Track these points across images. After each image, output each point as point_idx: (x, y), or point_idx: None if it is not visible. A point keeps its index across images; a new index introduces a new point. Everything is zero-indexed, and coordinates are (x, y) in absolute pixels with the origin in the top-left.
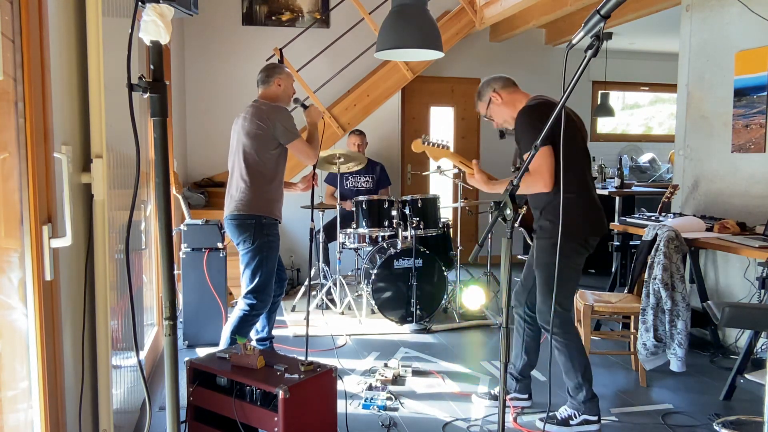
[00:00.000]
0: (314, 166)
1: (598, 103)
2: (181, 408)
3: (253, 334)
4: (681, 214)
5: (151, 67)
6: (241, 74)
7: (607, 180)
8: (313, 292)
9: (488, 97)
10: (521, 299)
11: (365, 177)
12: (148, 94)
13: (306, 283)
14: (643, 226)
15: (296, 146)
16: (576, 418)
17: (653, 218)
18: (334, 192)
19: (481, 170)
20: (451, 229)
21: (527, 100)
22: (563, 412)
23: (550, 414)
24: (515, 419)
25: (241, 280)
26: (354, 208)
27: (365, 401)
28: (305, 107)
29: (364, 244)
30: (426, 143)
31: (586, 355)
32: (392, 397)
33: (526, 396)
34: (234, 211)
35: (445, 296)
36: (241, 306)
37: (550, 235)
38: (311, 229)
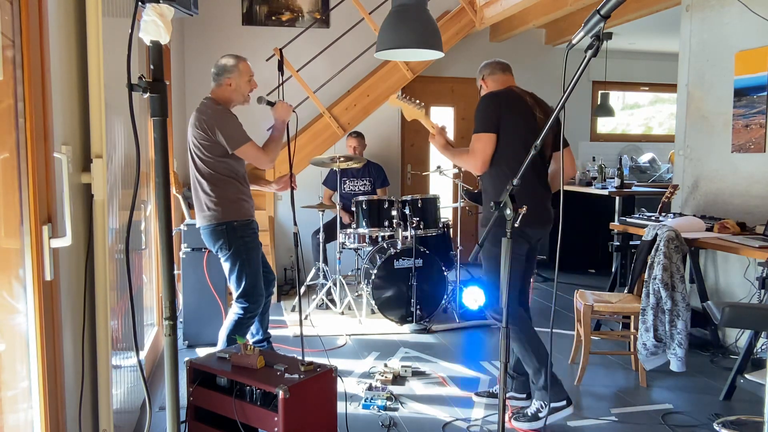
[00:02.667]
0: (291, 167)
1: (598, 103)
2: (181, 408)
3: (249, 338)
4: (681, 214)
5: (151, 67)
6: None
7: (607, 180)
8: (313, 294)
9: (479, 84)
10: (510, 298)
11: (363, 180)
12: (148, 94)
13: (305, 283)
14: (643, 226)
15: (245, 152)
16: (543, 409)
17: (653, 218)
18: (332, 196)
19: (442, 134)
20: (451, 229)
21: (502, 88)
22: (532, 407)
23: (523, 412)
24: (510, 419)
25: (229, 286)
26: (354, 209)
27: (365, 401)
28: (271, 104)
29: (364, 244)
30: (402, 99)
31: (539, 339)
32: (392, 397)
33: (524, 396)
34: (203, 222)
35: (445, 296)
36: (234, 310)
37: (487, 223)
38: (294, 234)
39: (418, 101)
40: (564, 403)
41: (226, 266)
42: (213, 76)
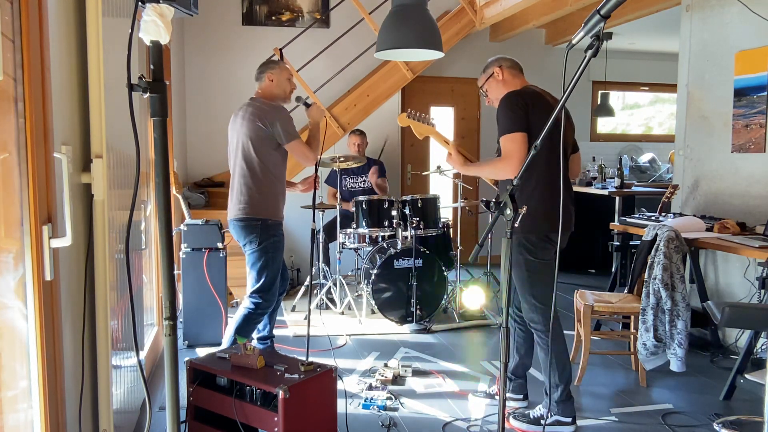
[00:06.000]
0: (316, 168)
1: (598, 103)
2: (181, 408)
3: (254, 333)
4: (681, 214)
5: (151, 67)
6: (241, 74)
7: (607, 180)
8: (314, 291)
9: (491, 70)
10: (511, 298)
11: (363, 177)
12: (148, 94)
13: (306, 282)
14: (643, 226)
15: (294, 147)
16: (548, 417)
17: (653, 218)
18: (335, 193)
19: (458, 152)
20: (451, 229)
21: (521, 87)
22: (536, 411)
23: (524, 412)
24: (508, 419)
25: (247, 279)
26: (354, 208)
27: (365, 401)
28: (307, 105)
29: (364, 244)
30: (411, 117)
31: (568, 355)
32: (392, 397)
33: (521, 397)
34: (239, 214)
35: (445, 296)
36: (246, 305)
37: (514, 231)
38: (312, 230)
39: (427, 117)
40: (570, 420)
41: (249, 259)
42: (256, 75)
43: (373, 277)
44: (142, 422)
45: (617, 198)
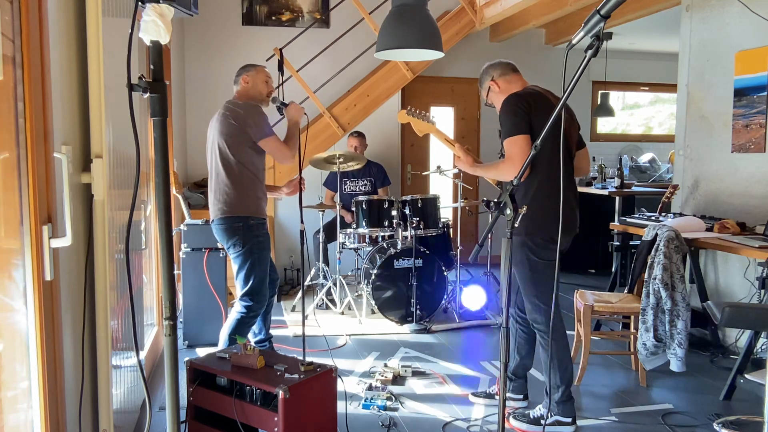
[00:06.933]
0: (300, 169)
1: (598, 103)
2: (181, 408)
3: (250, 337)
4: (681, 214)
5: (151, 67)
6: None
7: (607, 180)
8: (313, 294)
9: (487, 85)
10: (512, 298)
11: (363, 180)
12: (148, 94)
13: (307, 282)
14: (643, 226)
15: (269, 144)
16: (548, 418)
17: (653, 218)
18: (333, 197)
19: (466, 151)
20: (451, 229)
21: (521, 88)
22: (537, 411)
23: (525, 412)
24: (508, 419)
25: (235, 283)
26: (354, 211)
27: (365, 401)
28: (285, 105)
29: (364, 244)
30: (411, 114)
31: (570, 356)
32: (392, 397)
33: (521, 397)
34: (220, 215)
35: (445, 296)
36: (237, 309)
37: (517, 231)
38: (301, 231)
39: (427, 114)
40: (570, 420)
41: (235, 263)
42: (234, 80)
43: (373, 277)
44: (142, 422)
45: (617, 198)
